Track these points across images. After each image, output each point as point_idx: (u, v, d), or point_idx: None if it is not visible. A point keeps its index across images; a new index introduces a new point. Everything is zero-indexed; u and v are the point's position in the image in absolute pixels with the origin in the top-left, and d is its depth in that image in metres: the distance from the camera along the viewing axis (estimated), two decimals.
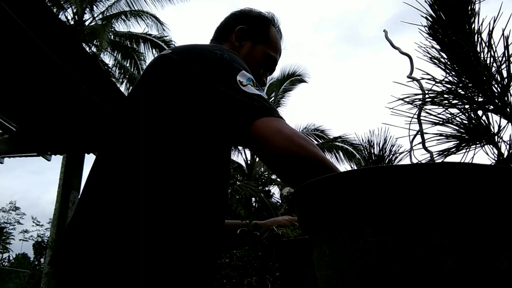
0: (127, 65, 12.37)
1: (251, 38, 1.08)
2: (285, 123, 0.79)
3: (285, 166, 0.76)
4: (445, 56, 0.79)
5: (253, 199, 11.75)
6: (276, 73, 15.23)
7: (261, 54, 1.08)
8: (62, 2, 11.45)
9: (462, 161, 0.79)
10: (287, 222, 1.07)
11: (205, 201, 0.83)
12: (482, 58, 0.75)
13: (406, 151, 0.84)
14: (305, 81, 13.15)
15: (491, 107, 0.75)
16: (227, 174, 0.94)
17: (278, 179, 12.66)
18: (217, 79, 0.81)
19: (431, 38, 0.81)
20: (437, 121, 0.78)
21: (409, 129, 0.79)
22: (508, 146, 0.74)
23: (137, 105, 0.88)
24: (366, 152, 1.01)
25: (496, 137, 0.75)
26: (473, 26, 0.77)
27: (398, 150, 0.97)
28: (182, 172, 0.80)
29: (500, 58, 0.73)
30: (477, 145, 0.78)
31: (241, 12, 1.14)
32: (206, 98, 0.82)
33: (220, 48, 0.89)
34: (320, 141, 12.73)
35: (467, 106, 0.77)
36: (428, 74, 0.79)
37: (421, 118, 0.79)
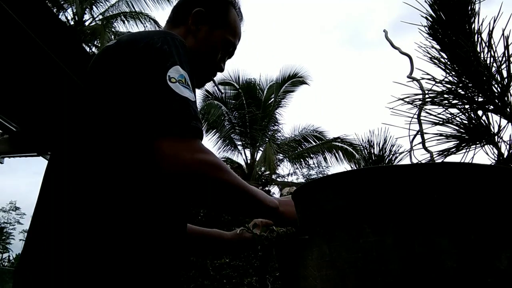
0: None
1: (208, 22, 1.00)
2: (191, 144, 0.73)
3: (188, 189, 0.75)
4: (445, 56, 0.79)
5: None
6: (276, 74, 15.17)
7: (219, 40, 1.00)
8: (62, 2, 11.45)
9: (462, 161, 0.79)
10: (261, 224, 1.03)
11: (155, 206, 0.79)
12: (482, 58, 0.75)
13: (406, 151, 0.84)
14: (306, 83, 13.09)
15: (491, 107, 0.75)
16: None
17: (279, 179, 12.67)
18: (146, 71, 0.76)
19: (431, 38, 0.81)
20: (437, 121, 0.78)
21: (409, 129, 0.79)
22: (508, 146, 0.74)
23: (81, 104, 0.84)
24: (366, 152, 1.01)
25: (496, 137, 0.75)
26: (473, 26, 0.77)
27: (398, 150, 0.97)
28: (123, 176, 0.76)
29: (500, 58, 0.73)
30: (477, 145, 0.78)
31: None
32: (137, 91, 0.76)
33: (164, 37, 0.81)
34: (319, 142, 12.74)
35: (467, 106, 0.77)
36: (428, 74, 0.79)
37: (421, 118, 0.79)
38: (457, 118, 0.78)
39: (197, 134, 0.74)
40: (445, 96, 0.78)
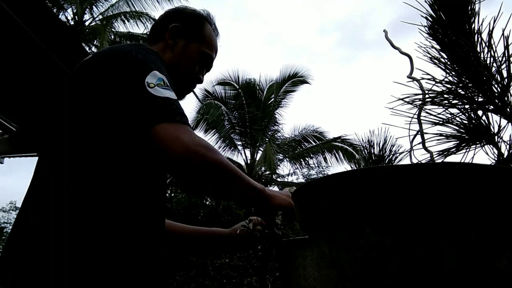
0: None
1: (185, 36, 1.08)
2: (185, 129, 0.79)
3: (183, 173, 0.81)
4: (445, 56, 0.79)
5: None
6: (276, 74, 15.12)
7: (195, 52, 1.08)
8: (62, 2, 11.45)
9: (462, 161, 0.79)
10: (257, 222, 1.07)
11: (135, 206, 0.84)
12: (482, 58, 0.75)
13: (406, 151, 0.84)
14: (307, 82, 13.04)
15: (491, 107, 0.75)
16: (163, 176, 0.95)
17: (279, 179, 12.68)
18: (126, 80, 0.82)
19: (431, 38, 0.81)
20: (437, 121, 0.79)
21: (409, 129, 0.79)
22: (508, 146, 0.74)
23: (66, 111, 0.91)
24: (366, 152, 1.01)
25: (496, 137, 0.75)
26: (473, 26, 0.77)
27: (398, 150, 0.97)
28: (108, 177, 0.81)
29: (500, 58, 0.73)
30: (477, 145, 0.78)
31: (175, 10, 1.15)
32: (118, 100, 0.83)
33: (138, 48, 0.89)
34: (319, 142, 12.74)
35: (467, 106, 0.77)
36: (428, 74, 0.79)
37: (421, 118, 0.79)
38: (457, 118, 0.78)
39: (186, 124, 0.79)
40: (445, 96, 0.78)
